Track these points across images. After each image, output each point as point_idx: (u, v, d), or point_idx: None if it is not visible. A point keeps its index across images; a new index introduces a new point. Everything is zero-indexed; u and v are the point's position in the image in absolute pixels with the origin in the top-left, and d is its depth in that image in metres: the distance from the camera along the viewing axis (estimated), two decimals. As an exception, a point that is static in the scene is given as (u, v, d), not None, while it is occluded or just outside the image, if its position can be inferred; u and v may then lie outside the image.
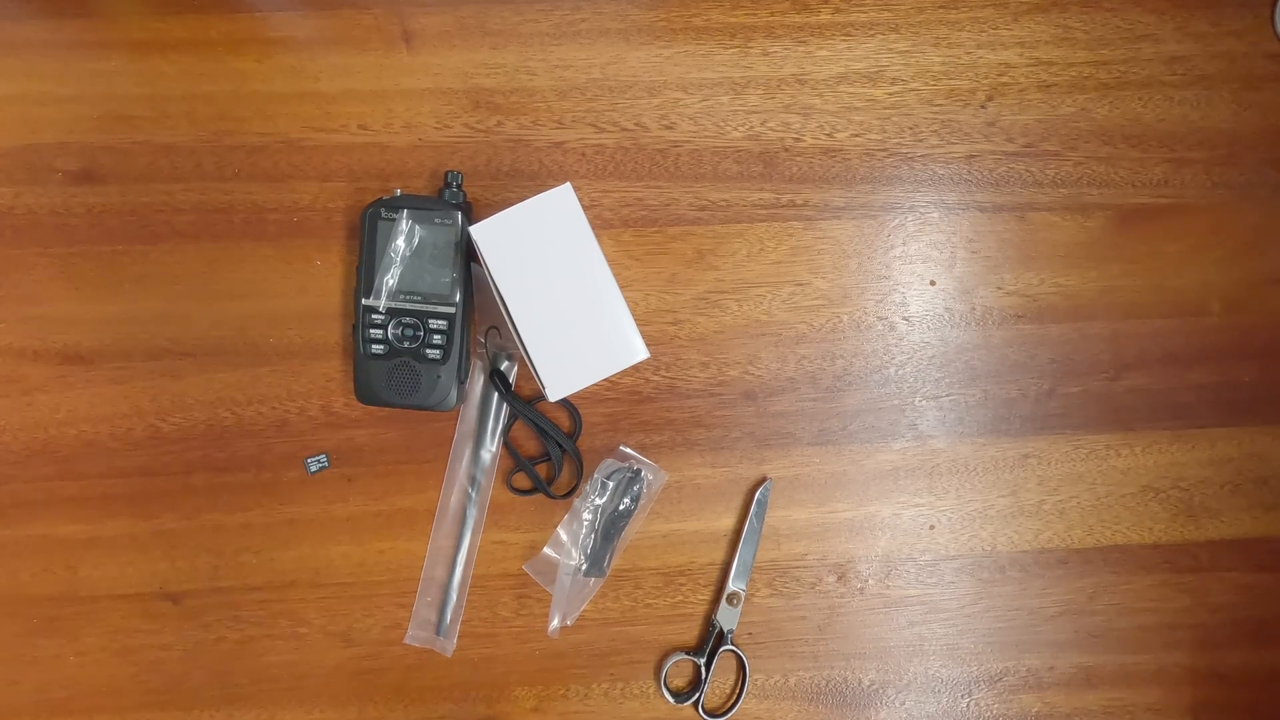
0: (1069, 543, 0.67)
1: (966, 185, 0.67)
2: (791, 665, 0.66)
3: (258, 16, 0.65)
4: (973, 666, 0.67)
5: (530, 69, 0.66)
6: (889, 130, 0.67)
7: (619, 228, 0.66)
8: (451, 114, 0.65)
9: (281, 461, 0.64)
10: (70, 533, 0.64)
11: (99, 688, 0.64)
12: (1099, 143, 0.67)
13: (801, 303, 0.66)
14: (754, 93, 0.66)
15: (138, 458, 0.64)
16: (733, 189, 0.66)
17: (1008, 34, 0.67)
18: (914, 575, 0.67)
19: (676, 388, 0.66)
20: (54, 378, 0.64)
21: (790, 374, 0.66)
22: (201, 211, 0.64)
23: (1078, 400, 0.67)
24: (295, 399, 0.64)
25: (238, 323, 0.64)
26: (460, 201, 0.62)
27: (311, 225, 0.65)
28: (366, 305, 0.60)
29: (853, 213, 0.67)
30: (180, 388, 0.64)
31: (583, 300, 0.56)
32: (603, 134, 0.66)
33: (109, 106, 0.64)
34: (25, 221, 0.64)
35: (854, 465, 0.66)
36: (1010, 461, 0.67)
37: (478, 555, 0.65)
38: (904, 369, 0.67)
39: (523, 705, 0.65)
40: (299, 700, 0.64)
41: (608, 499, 0.64)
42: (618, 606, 0.66)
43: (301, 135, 0.65)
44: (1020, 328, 0.67)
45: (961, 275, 0.67)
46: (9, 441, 0.64)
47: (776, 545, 0.66)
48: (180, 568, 0.64)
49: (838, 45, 0.67)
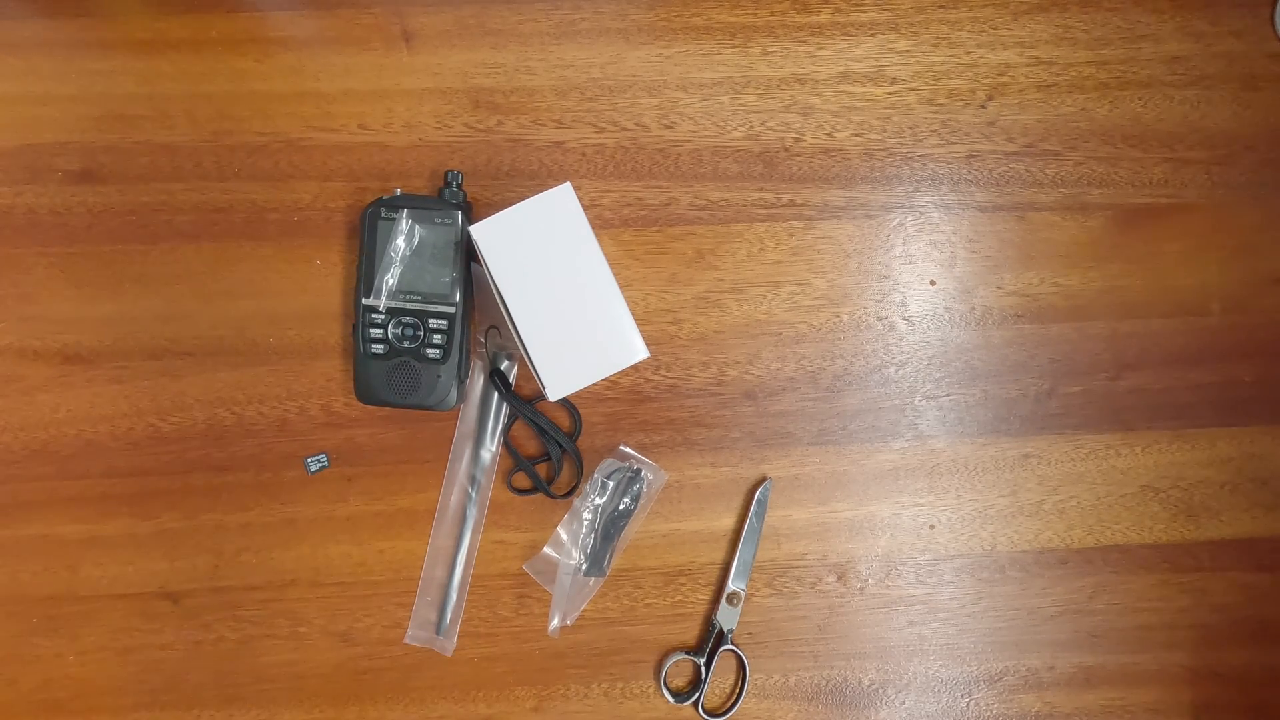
0: (1069, 543, 0.67)
1: (966, 185, 0.67)
2: (791, 665, 0.66)
3: (258, 16, 0.65)
4: (973, 666, 0.67)
5: (530, 69, 0.66)
6: (889, 130, 0.67)
7: (619, 228, 0.66)
8: (451, 114, 0.65)
9: (281, 461, 0.64)
10: (70, 533, 0.64)
11: (99, 687, 0.64)
12: (1099, 143, 0.67)
13: (801, 303, 0.66)
14: (754, 92, 0.66)
15: (138, 457, 0.64)
16: (733, 189, 0.66)
17: (1008, 34, 0.67)
18: (914, 575, 0.67)
19: (676, 388, 0.66)
20: (54, 378, 0.64)
21: (790, 374, 0.66)
22: (201, 211, 0.64)
23: (1078, 400, 0.67)
24: (295, 399, 0.64)
25: (238, 323, 0.64)
26: (460, 201, 0.62)
27: (311, 225, 0.65)
28: (366, 305, 0.60)
29: (853, 212, 0.67)
30: (180, 388, 0.64)
31: (583, 300, 0.56)
32: (603, 134, 0.66)
33: (109, 106, 0.64)
34: (25, 221, 0.64)
35: (854, 465, 0.66)
36: (1010, 461, 0.67)
37: (478, 555, 0.65)
38: (904, 369, 0.67)
39: (523, 705, 0.65)
40: (299, 700, 0.64)
41: (608, 499, 0.64)
42: (618, 606, 0.66)
43: (301, 135, 0.65)
44: (1020, 328, 0.67)
45: (961, 275, 0.67)
46: (9, 441, 0.64)
47: (776, 545, 0.66)
48: (180, 567, 0.64)
49: (838, 45, 0.67)
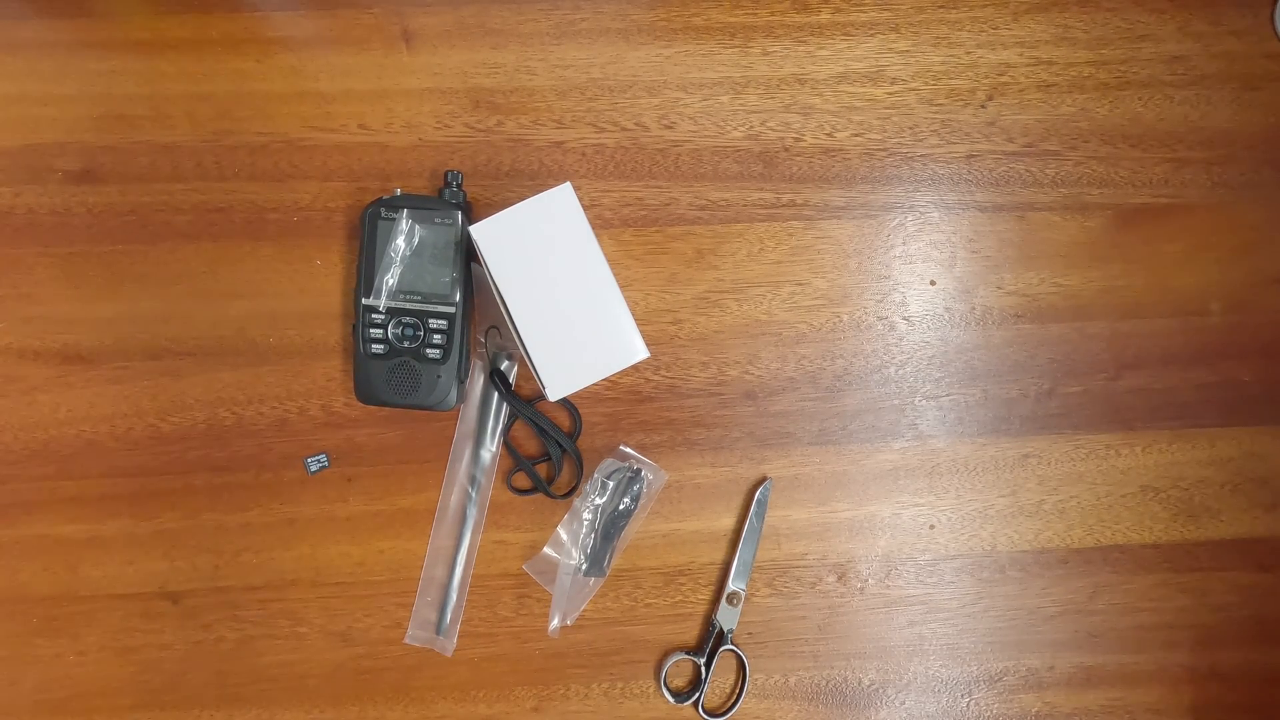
0: (1069, 543, 0.67)
1: (966, 185, 0.67)
2: (791, 665, 0.66)
3: (258, 16, 0.65)
4: (973, 666, 0.67)
5: (530, 69, 0.66)
6: (889, 130, 0.67)
7: (619, 227, 0.66)
8: (451, 114, 0.65)
9: (281, 461, 0.64)
10: (70, 533, 0.64)
11: (99, 688, 0.64)
12: (1099, 142, 0.67)
13: (801, 303, 0.66)
14: (754, 92, 0.66)
15: (138, 458, 0.64)
16: (733, 189, 0.66)
17: (1008, 34, 0.67)
18: (914, 575, 0.67)
19: (676, 388, 0.66)
20: (54, 378, 0.64)
21: (790, 374, 0.66)
22: (201, 211, 0.64)
23: (1078, 400, 0.67)
24: (295, 399, 0.64)
25: (238, 323, 0.64)
26: (460, 201, 0.62)
27: (311, 225, 0.65)
28: (366, 305, 0.60)
29: (853, 212, 0.67)
30: (180, 388, 0.64)
31: (582, 300, 0.56)
32: (603, 134, 0.66)
33: (109, 106, 0.64)
34: (25, 221, 0.64)
35: (854, 465, 0.66)
36: (1010, 461, 0.67)
37: (478, 555, 0.65)
38: (904, 369, 0.67)
39: (523, 705, 0.65)
40: (299, 700, 0.64)
41: (608, 499, 0.64)
42: (618, 606, 0.66)
43: (301, 135, 0.65)
44: (1020, 328, 0.67)
45: (961, 275, 0.67)
46: (9, 441, 0.64)
47: (776, 545, 0.66)
48: (180, 567, 0.64)
49: (838, 45, 0.67)
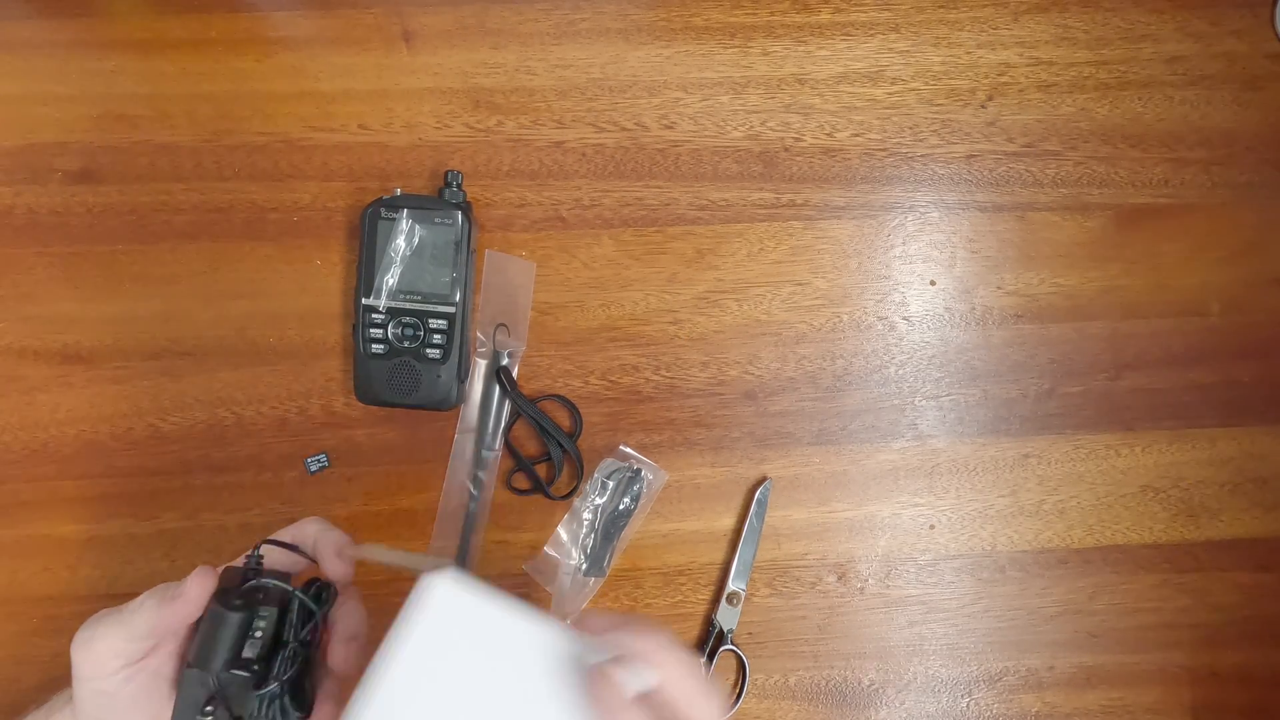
0: (1069, 543, 0.67)
1: (966, 185, 0.67)
2: (791, 665, 0.66)
3: (258, 16, 0.65)
4: (973, 666, 0.67)
5: (530, 69, 0.66)
6: (889, 130, 0.67)
7: (619, 228, 0.66)
8: (451, 114, 0.65)
9: (281, 461, 0.64)
10: (70, 533, 0.64)
11: (99, 688, 0.64)
12: (1099, 143, 0.67)
13: (801, 303, 0.66)
14: (754, 92, 0.66)
15: (138, 458, 0.64)
16: (733, 189, 0.66)
17: (1008, 34, 0.67)
18: (914, 575, 0.66)
19: (676, 388, 0.66)
20: (54, 378, 0.64)
21: (790, 374, 0.66)
22: (201, 211, 0.64)
23: (1078, 400, 0.67)
24: (295, 399, 0.64)
25: (238, 323, 0.64)
26: (460, 201, 0.62)
27: (311, 225, 0.65)
28: (366, 305, 0.60)
29: (853, 212, 0.66)
30: (180, 387, 0.64)
31: None
32: (603, 134, 0.66)
33: (109, 106, 0.64)
34: (25, 221, 0.64)
35: (854, 465, 0.66)
36: (1010, 461, 0.67)
37: (478, 555, 0.65)
38: (904, 369, 0.66)
39: (523, 705, 0.65)
40: (299, 700, 0.64)
41: (608, 499, 0.64)
42: (618, 606, 0.65)
43: (301, 135, 0.65)
44: (1020, 328, 0.67)
45: (961, 275, 0.67)
46: (9, 441, 0.64)
47: (776, 545, 0.66)
48: (180, 568, 0.64)
49: (838, 45, 0.67)
